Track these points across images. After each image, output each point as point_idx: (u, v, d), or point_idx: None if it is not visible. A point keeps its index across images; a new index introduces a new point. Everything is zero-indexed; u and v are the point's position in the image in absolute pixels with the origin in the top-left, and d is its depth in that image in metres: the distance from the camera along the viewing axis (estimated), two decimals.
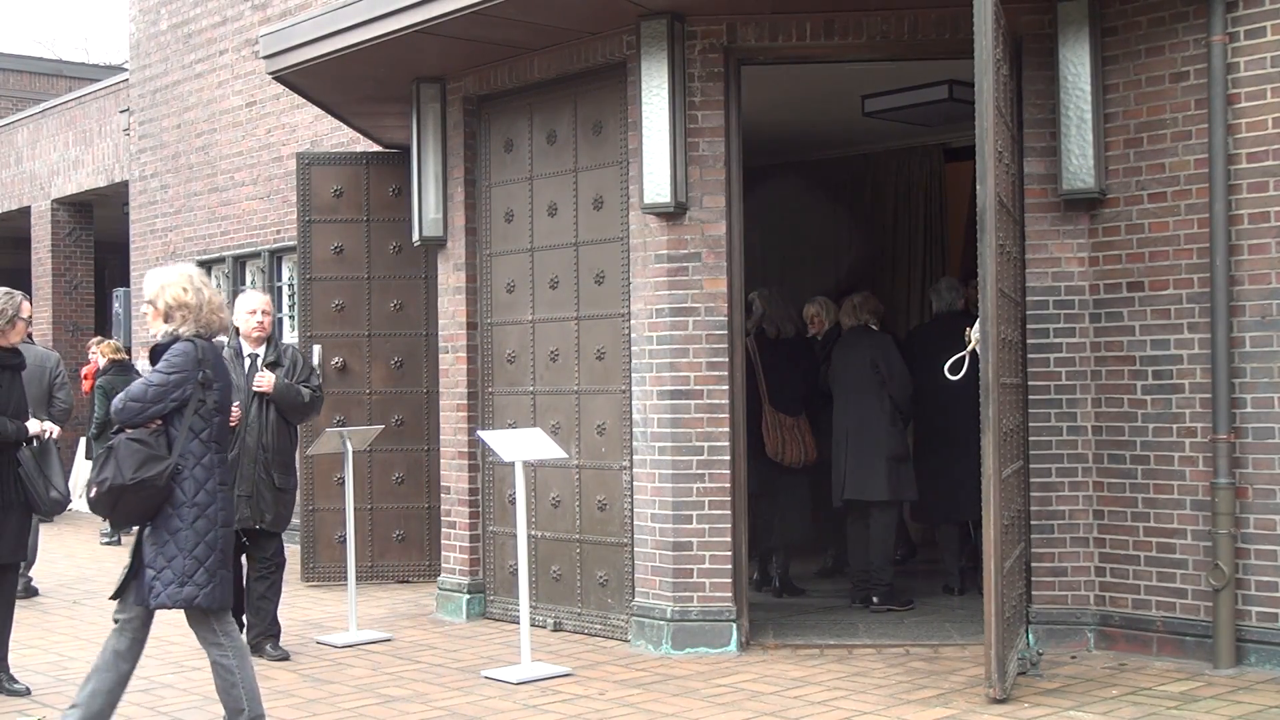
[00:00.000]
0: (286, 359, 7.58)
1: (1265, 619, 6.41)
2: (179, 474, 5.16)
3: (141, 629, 5.38)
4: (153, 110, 14.98)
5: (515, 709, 6.18)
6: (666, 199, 7.15)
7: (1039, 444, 7.04)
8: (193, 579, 5.18)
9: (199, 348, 5.25)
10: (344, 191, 10.03)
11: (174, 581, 5.17)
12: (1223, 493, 6.45)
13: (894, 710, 5.90)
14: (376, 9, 7.64)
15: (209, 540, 5.21)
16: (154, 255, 14.96)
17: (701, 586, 7.20)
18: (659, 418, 7.28)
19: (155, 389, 5.15)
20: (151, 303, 5.35)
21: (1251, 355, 6.47)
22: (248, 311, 7.58)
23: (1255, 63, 6.45)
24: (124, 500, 5.14)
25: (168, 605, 5.22)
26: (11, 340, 6.63)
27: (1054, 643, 6.93)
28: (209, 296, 5.34)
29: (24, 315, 6.72)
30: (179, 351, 5.21)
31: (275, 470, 7.42)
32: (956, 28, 7.01)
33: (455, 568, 8.55)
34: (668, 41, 7.12)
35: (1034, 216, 7.08)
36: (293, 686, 6.73)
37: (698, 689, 6.41)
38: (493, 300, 8.45)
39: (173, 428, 5.20)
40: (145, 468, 5.10)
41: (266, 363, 7.51)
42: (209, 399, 5.23)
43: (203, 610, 5.27)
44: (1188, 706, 5.83)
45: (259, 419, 7.41)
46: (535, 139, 8.18)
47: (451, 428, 8.60)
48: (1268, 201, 6.42)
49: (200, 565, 5.19)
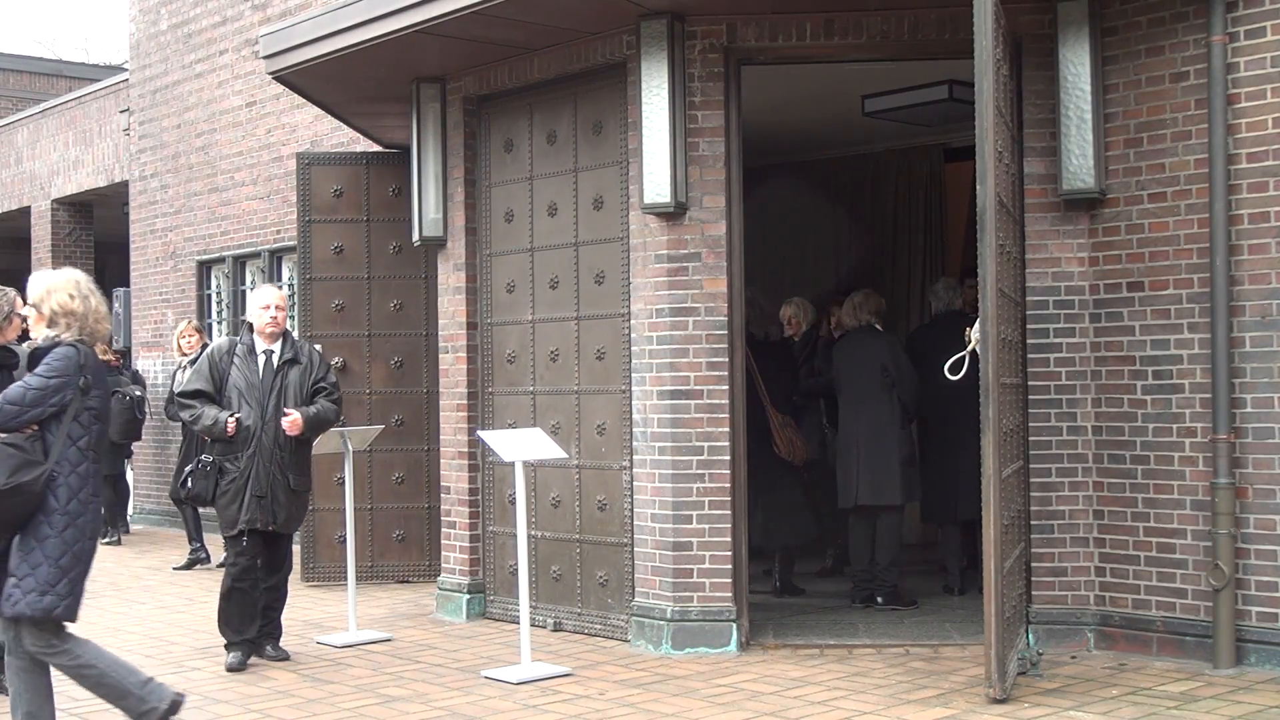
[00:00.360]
0: (304, 356, 7.39)
1: (1265, 619, 6.41)
2: (54, 480, 5.04)
3: (15, 639, 5.18)
4: (153, 110, 14.98)
5: (515, 709, 6.18)
6: (666, 199, 7.15)
7: (1039, 444, 7.04)
8: (55, 589, 5.05)
9: (81, 353, 5.13)
10: (344, 191, 10.03)
11: (35, 590, 5.02)
12: (1223, 493, 6.45)
13: (894, 710, 5.90)
14: (376, 9, 7.64)
15: (76, 551, 5.10)
16: (154, 255, 14.97)
17: (701, 586, 7.20)
18: (659, 418, 7.28)
19: (34, 393, 5.03)
20: (36, 306, 5.25)
21: (1251, 355, 6.47)
22: (261, 306, 7.37)
23: (1255, 63, 6.45)
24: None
25: (26, 614, 5.03)
26: (8, 337, 6.58)
27: (1054, 643, 6.93)
28: (95, 305, 5.26)
29: (20, 311, 6.68)
30: (60, 356, 5.10)
31: (291, 471, 7.23)
32: (956, 28, 7.01)
33: (455, 568, 8.55)
34: (668, 41, 7.12)
35: (1034, 216, 7.08)
36: (293, 686, 6.73)
37: (698, 689, 6.41)
38: (493, 300, 8.45)
39: (49, 433, 5.07)
40: (20, 473, 4.98)
41: (284, 360, 7.31)
42: (88, 406, 5.11)
43: (50, 623, 5.09)
44: (1188, 706, 5.83)
45: (275, 419, 7.21)
46: (535, 139, 8.19)
47: (451, 428, 8.60)
48: (1268, 201, 6.42)
49: (64, 575, 5.06)
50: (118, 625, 8.60)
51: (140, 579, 10.59)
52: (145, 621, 8.68)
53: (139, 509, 14.95)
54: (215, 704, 6.38)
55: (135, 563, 11.53)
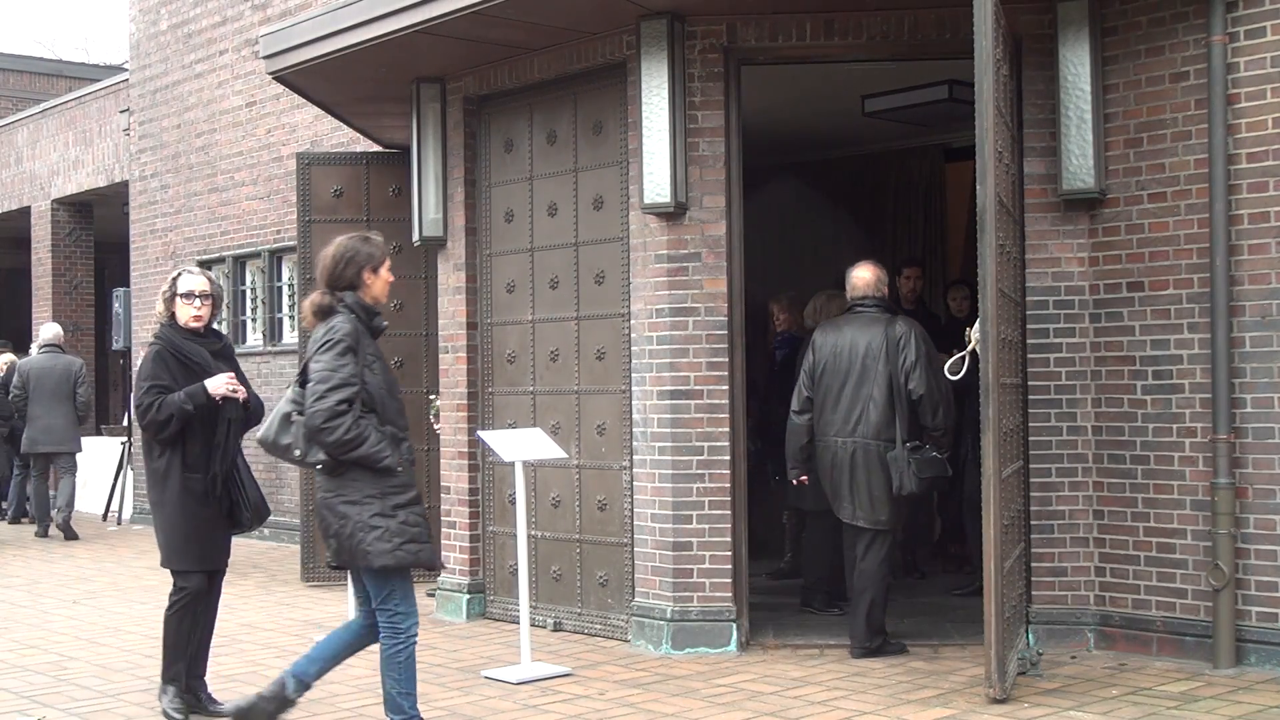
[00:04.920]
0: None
1: (1265, 619, 6.40)
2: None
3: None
4: (153, 110, 14.98)
5: (515, 709, 6.18)
6: (666, 199, 7.15)
7: (1039, 444, 7.04)
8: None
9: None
10: (344, 191, 10.03)
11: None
12: (1223, 493, 6.44)
13: (894, 710, 5.90)
14: (376, 9, 7.64)
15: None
16: (154, 255, 14.97)
17: (701, 586, 7.20)
18: (659, 418, 7.28)
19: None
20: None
21: (1251, 355, 6.47)
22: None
23: (1255, 63, 6.45)
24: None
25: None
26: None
27: (1054, 643, 6.92)
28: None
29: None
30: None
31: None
32: (956, 28, 7.01)
33: (455, 568, 8.55)
34: (668, 41, 7.11)
35: (1034, 216, 7.08)
36: None
37: (698, 689, 6.41)
38: (493, 300, 8.45)
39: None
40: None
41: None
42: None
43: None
44: (1188, 706, 5.83)
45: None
46: (535, 139, 8.19)
47: (451, 428, 8.60)
48: (1268, 201, 6.42)
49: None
50: (118, 625, 8.60)
51: (140, 579, 10.59)
52: (145, 621, 8.67)
53: (139, 509, 14.95)
54: (214, 704, 6.38)
55: (135, 563, 11.54)
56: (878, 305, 7.17)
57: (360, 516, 5.15)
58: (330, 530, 5.25)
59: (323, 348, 5.16)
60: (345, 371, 5.13)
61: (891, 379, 6.94)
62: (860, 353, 7.00)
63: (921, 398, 6.92)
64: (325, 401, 5.07)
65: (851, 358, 7.01)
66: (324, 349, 5.16)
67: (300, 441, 5.21)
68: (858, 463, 6.97)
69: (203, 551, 6.08)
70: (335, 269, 5.37)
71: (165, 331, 6.21)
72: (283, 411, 5.27)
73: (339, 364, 5.13)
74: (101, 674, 7.15)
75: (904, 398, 6.92)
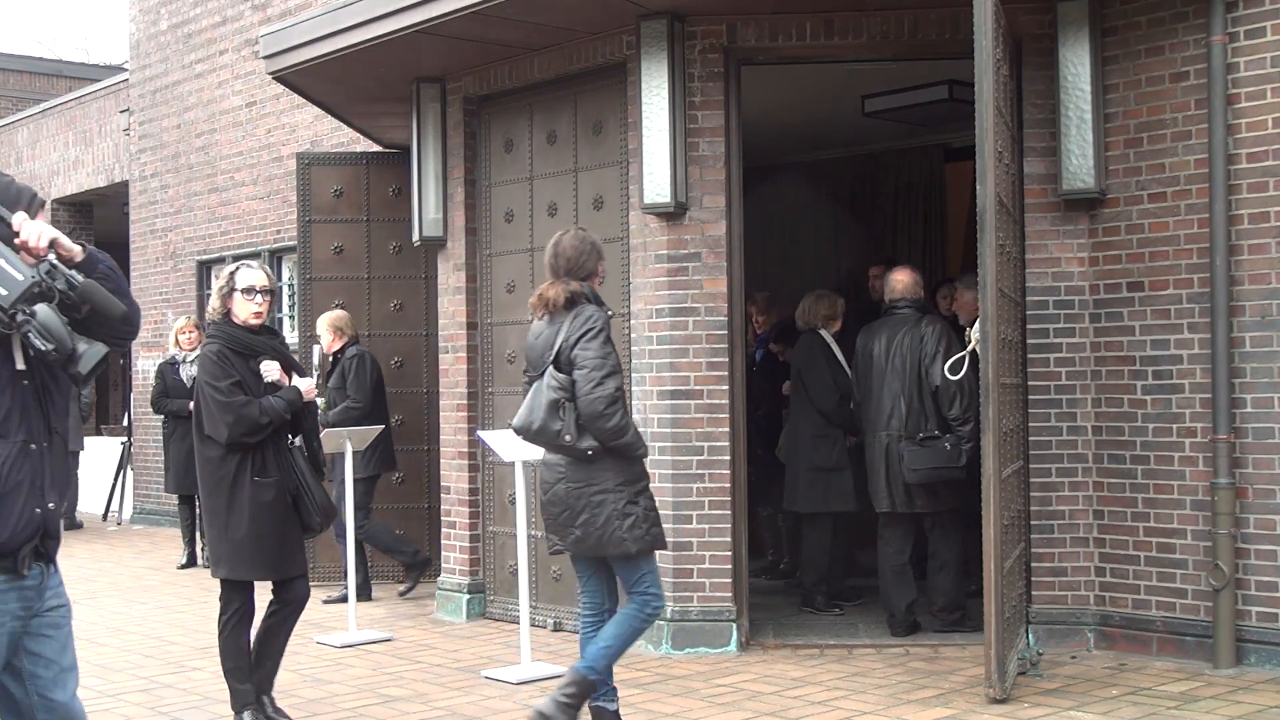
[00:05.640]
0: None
1: (1265, 619, 6.40)
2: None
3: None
4: (153, 110, 14.98)
5: (515, 709, 6.18)
6: (666, 199, 7.15)
7: (1039, 444, 7.04)
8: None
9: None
10: (344, 191, 10.03)
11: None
12: (1223, 493, 6.44)
13: (894, 710, 5.90)
14: (376, 9, 7.64)
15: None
16: (154, 255, 14.97)
17: (701, 586, 7.20)
18: (659, 418, 7.27)
19: None
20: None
21: (1251, 355, 6.47)
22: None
23: (1255, 63, 6.45)
24: None
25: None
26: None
27: (1054, 643, 6.92)
28: None
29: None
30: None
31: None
32: (956, 28, 7.01)
33: (455, 568, 8.55)
34: (668, 41, 7.12)
35: (1034, 216, 7.08)
36: (293, 686, 6.73)
37: (698, 689, 6.41)
38: (493, 300, 8.45)
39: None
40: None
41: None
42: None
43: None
44: (1188, 706, 5.83)
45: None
46: (535, 139, 8.19)
47: (451, 428, 8.60)
48: (1268, 201, 6.42)
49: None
50: (118, 625, 8.61)
51: (140, 579, 10.59)
52: (145, 621, 8.68)
53: (139, 509, 14.95)
54: (215, 704, 6.38)
55: (135, 563, 11.54)
56: (911, 306, 7.60)
57: (615, 505, 5.27)
58: (576, 519, 5.30)
59: (588, 335, 5.28)
60: (613, 359, 5.32)
61: (920, 374, 7.40)
62: (894, 351, 7.45)
63: (938, 389, 7.34)
64: (605, 388, 5.20)
65: (889, 356, 7.48)
66: (591, 337, 5.27)
67: (571, 427, 5.25)
68: (891, 455, 7.41)
69: (276, 560, 5.77)
70: (577, 259, 5.51)
71: (224, 328, 5.82)
72: (550, 398, 5.27)
73: (607, 351, 5.28)
74: (101, 674, 7.15)
75: (928, 390, 7.35)
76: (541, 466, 5.51)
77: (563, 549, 5.45)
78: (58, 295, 3.33)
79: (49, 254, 3.38)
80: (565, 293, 5.40)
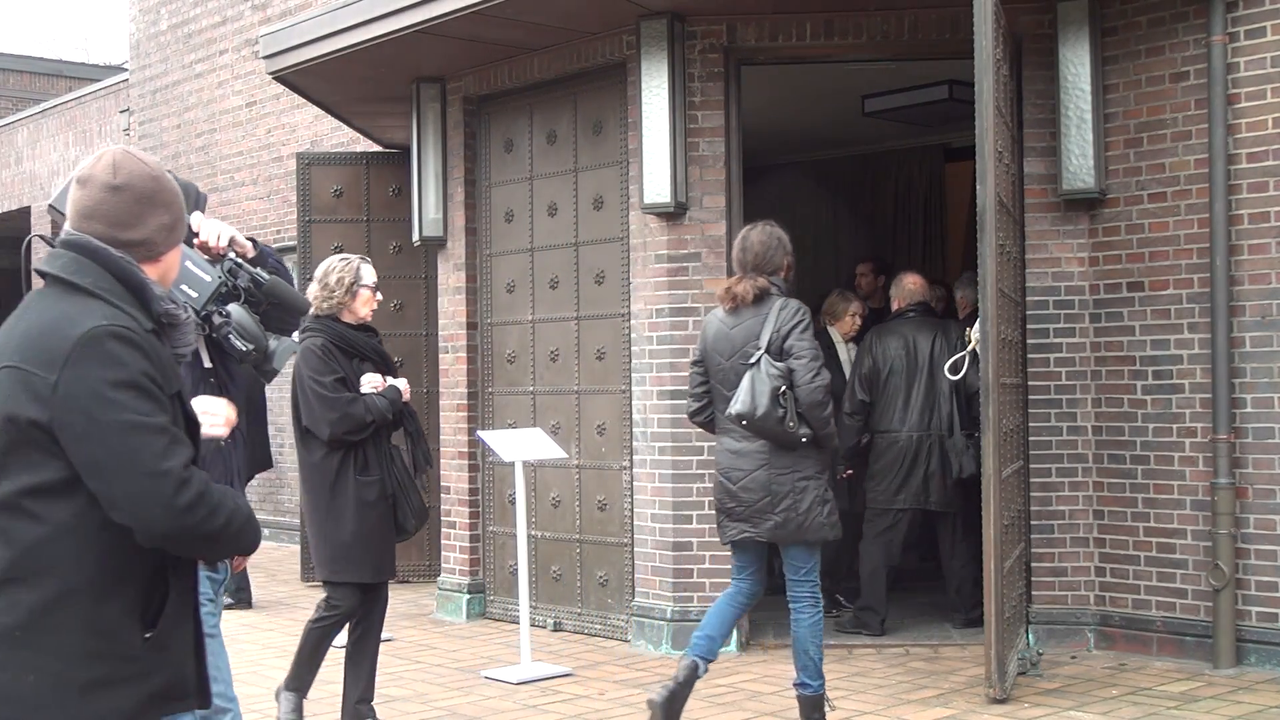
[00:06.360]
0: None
1: (1265, 619, 6.40)
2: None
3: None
4: (153, 110, 14.98)
5: (515, 709, 6.18)
6: (666, 199, 7.15)
7: (1039, 444, 7.04)
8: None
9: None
10: (344, 191, 10.03)
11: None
12: (1223, 493, 6.44)
13: (894, 710, 5.90)
14: (376, 9, 7.65)
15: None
16: None
17: (701, 586, 7.20)
18: (659, 418, 7.27)
19: None
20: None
21: (1251, 355, 6.47)
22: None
23: (1255, 63, 6.45)
24: None
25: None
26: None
27: (1054, 643, 6.92)
28: None
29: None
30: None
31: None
32: (956, 28, 7.01)
33: (455, 568, 8.55)
34: (668, 41, 7.12)
35: (1034, 216, 7.08)
36: None
37: (698, 689, 6.38)
38: (493, 300, 8.45)
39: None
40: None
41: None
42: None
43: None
44: (1188, 706, 5.83)
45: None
46: (535, 139, 8.19)
47: (451, 428, 8.60)
48: (1268, 201, 6.42)
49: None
50: None
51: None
52: None
53: None
54: None
55: None
56: (923, 309, 7.73)
57: (818, 491, 5.40)
58: (778, 504, 5.36)
59: (800, 327, 5.41)
60: (819, 352, 5.45)
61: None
62: (926, 353, 7.52)
63: (976, 390, 7.39)
64: (822, 378, 5.35)
65: (919, 358, 7.54)
66: (803, 329, 5.41)
67: (793, 413, 5.32)
68: (933, 453, 7.47)
69: (379, 561, 5.68)
70: (765, 254, 5.59)
71: (327, 323, 5.64)
72: (773, 386, 5.32)
73: (815, 344, 5.45)
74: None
75: (961, 391, 7.44)
76: (726, 454, 5.51)
77: (754, 536, 5.46)
78: (243, 294, 3.30)
79: (229, 251, 3.34)
80: (754, 288, 5.50)
